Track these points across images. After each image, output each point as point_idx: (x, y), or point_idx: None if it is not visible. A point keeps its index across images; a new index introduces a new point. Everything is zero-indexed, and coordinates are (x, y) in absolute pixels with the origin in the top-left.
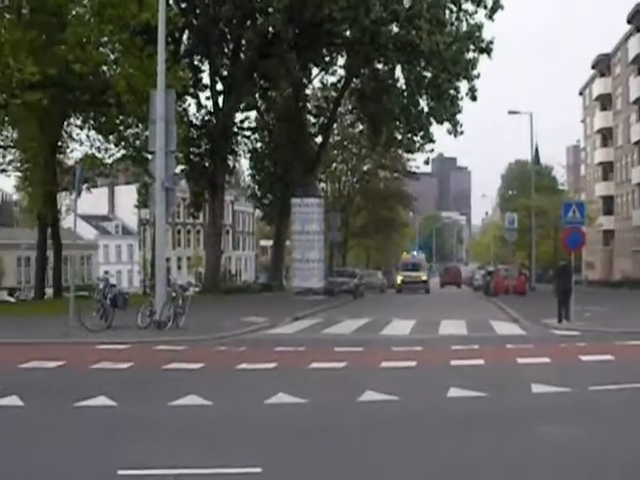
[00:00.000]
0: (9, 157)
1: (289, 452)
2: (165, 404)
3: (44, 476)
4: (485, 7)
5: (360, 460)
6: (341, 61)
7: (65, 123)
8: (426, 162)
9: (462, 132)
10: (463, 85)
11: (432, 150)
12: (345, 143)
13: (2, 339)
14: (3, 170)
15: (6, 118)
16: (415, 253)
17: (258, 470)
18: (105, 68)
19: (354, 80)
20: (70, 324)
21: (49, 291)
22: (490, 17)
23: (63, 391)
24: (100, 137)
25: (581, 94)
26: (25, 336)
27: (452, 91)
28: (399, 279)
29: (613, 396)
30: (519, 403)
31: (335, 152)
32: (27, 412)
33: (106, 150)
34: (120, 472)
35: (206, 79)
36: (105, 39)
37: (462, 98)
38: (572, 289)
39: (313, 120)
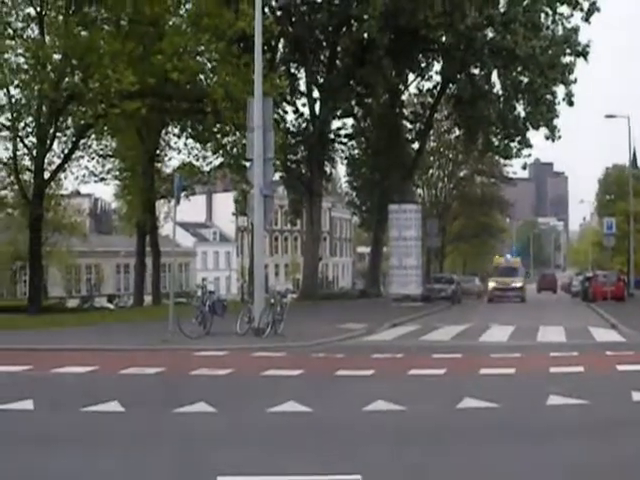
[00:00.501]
0: (108, 166)
1: (388, 459)
2: (264, 410)
3: (145, 477)
4: (581, 10)
5: (459, 468)
6: (437, 67)
7: (163, 132)
8: (523, 167)
9: (560, 137)
10: (560, 90)
11: (529, 155)
12: (441, 149)
13: (102, 345)
14: (102, 179)
15: (105, 128)
16: (509, 256)
17: (358, 477)
18: (202, 77)
19: (450, 86)
20: (169, 331)
21: (148, 298)
22: (586, 20)
23: (163, 397)
24: (198, 145)
25: None
26: (124, 342)
27: (549, 96)
28: (490, 285)
29: None
30: (620, 411)
31: (432, 158)
32: (128, 418)
33: (204, 158)
34: (220, 478)
35: (302, 86)
36: (202, 48)
37: (559, 103)
38: None
39: (409, 126)
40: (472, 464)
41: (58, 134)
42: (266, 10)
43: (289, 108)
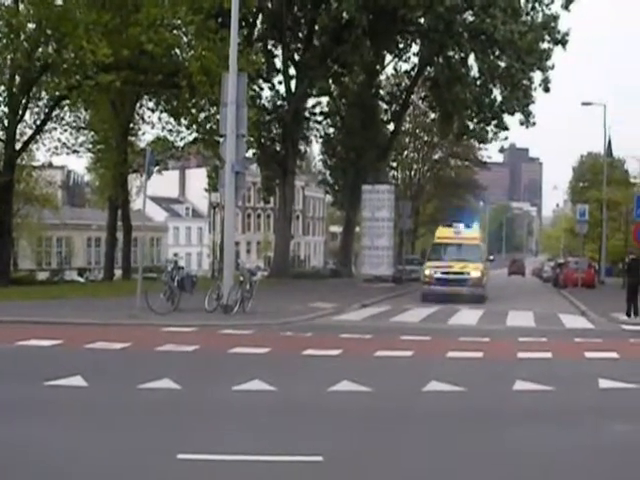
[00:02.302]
0: (81, 138)
1: (351, 441)
2: (229, 388)
3: (104, 456)
4: None
5: (422, 450)
6: (415, 48)
7: (137, 105)
8: (500, 150)
9: (534, 123)
10: (537, 76)
11: (506, 138)
12: (417, 131)
13: (69, 319)
14: (75, 151)
15: (79, 99)
16: (461, 227)
17: (320, 459)
18: (178, 50)
19: (427, 68)
20: (137, 306)
21: (118, 272)
22: (566, 7)
23: (127, 373)
24: (172, 120)
25: None
26: (92, 317)
27: (525, 81)
28: (426, 273)
29: None
30: (586, 398)
31: (407, 140)
32: (90, 393)
33: (178, 133)
34: (180, 456)
35: (279, 63)
36: (178, 21)
37: (535, 89)
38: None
39: (385, 107)
40: (434, 447)
41: (30, 104)
42: None
43: (265, 85)
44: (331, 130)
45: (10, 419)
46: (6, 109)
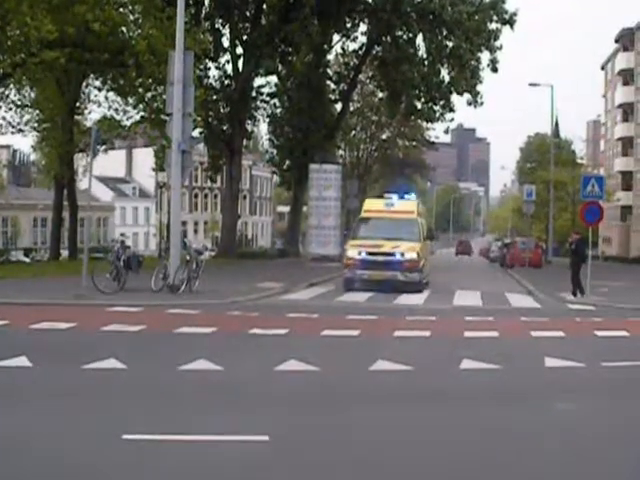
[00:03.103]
0: (27, 117)
1: (298, 421)
2: (175, 368)
3: (48, 438)
4: None
5: (366, 431)
6: (363, 28)
7: (84, 84)
8: (446, 131)
9: (482, 103)
10: (484, 56)
11: (452, 120)
12: (365, 111)
13: (14, 299)
14: (20, 130)
15: (24, 77)
16: (395, 198)
17: (265, 438)
18: (124, 29)
19: (375, 47)
20: (83, 286)
21: (64, 252)
22: None
23: (72, 353)
24: (119, 99)
25: (603, 68)
26: (37, 297)
27: (473, 62)
28: (349, 254)
29: (626, 373)
30: (532, 377)
31: (355, 119)
32: (34, 373)
33: (124, 112)
34: (125, 436)
35: (227, 43)
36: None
37: (483, 69)
38: (584, 263)
39: (333, 87)
40: (379, 426)
41: None
42: None
43: (212, 64)
44: (278, 110)
45: None
46: None
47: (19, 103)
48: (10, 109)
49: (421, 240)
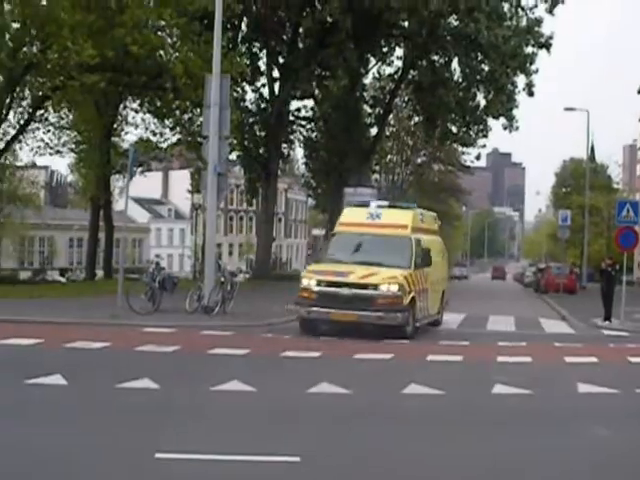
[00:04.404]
0: (64, 138)
1: (329, 442)
2: (208, 389)
3: (82, 455)
4: (545, 1)
5: (397, 452)
6: (399, 52)
7: (121, 106)
8: (477, 157)
9: (517, 127)
10: (520, 80)
11: (484, 145)
12: (401, 135)
13: (50, 318)
14: (58, 151)
15: (63, 100)
16: (381, 208)
17: (297, 459)
18: (162, 52)
19: (411, 71)
20: (118, 306)
21: (100, 273)
22: (550, 12)
23: (107, 372)
24: (155, 121)
25: (639, 92)
26: (73, 316)
27: (509, 86)
28: (305, 282)
29: None
30: (565, 402)
31: (390, 143)
32: (69, 391)
33: (161, 134)
34: (158, 455)
35: (263, 66)
36: (163, 23)
37: (519, 93)
38: (613, 289)
39: (369, 110)
40: (410, 449)
41: (14, 104)
42: None
43: (249, 87)
44: (314, 134)
45: None
46: None
47: (57, 125)
48: (48, 131)
49: (412, 266)
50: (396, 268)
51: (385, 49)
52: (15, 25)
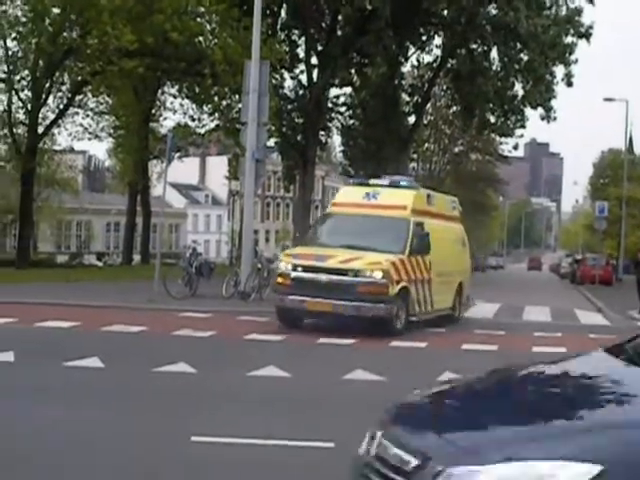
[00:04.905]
0: (103, 123)
1: (363, 429)
2: (244, 374)
3: (118, 438)
4: None
5: None
6: (438, 40)
7: (160, 92)
8: (515, 147)
9: (555, 118)
10: (559, 70)
11: (522, 135)
12: (438, 123)
13: (88, 302)
14: (97, 136)
15: (101, 85)
16: (381, 186)
17: (331, 445)
18: (201, 38)
19: (450, 60)
20: (155, 290)
21: (136, 257)
22: (590, 1)
23: (143, 356)
24: (194, 106)
25: None
26: (110, 300)
27: (548, 76)
28: (281, 267)
29: None
30: None
31: (428, 132)
32: (106, 374)
33: (199, 120)
34: (194, 439)
35: (302, 53)
36: (202, 9)
37: (557, 83)
38: None
39: (407, 99)
40: None
41: (53, 89)
42: None
43: (287, 74)
44: (352, 121)
45: (29, 399)
46: (29, 93)
47: (96, 110)
48: (87, 116)
49: (405, 252)
50: (387, 253)
51: (424, 37)
52: (55, 10)
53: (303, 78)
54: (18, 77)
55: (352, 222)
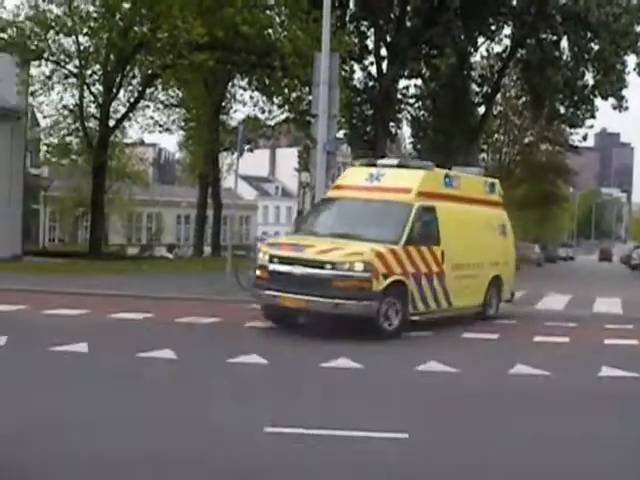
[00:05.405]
0: (173, 116)
1: (436, 420)
2: (317, 365)
3: (192, 428)
4: None
5: (505, 433)
6: (507, 30)
7: (229, 84)
8: (584, 138)
9: (627, 107)
10: (631, 59)
11: (592, 126)
12: (508, 114)
13: (159, 294)
14: (167, 129)
15: (172, 78)
16: (387, 167)
17: (405, 436)
18: (271, 31)
19: (519, 50)
20: (227, 282)
21: (207, 249)
22: None
23: (216, 347)
24: (264, 98)
25: None
26: (182, 292)
27: (619, 65)
28: (260, 257)
29: None
30: None
31: (497, 123)
32: (179, 366)
33: (269, 112)
34: (267, 429)
35: (371, 45)
36: (272, 2)
37: (629, 73)
38: None
39: (477, 89)
40: (516, 429)
41: (124, 82)
42: None
43: (356, 66)
44: (421, 113)
45: (104, 389)
46: (101, 87)
47: (167, 103)
48: (158, 109)
49: (401, 241)
50: (377, 243)
51: (493, 27)
52: (125, 5)
53: (372, 70)
54: (89, 71)
55: (348, 208)
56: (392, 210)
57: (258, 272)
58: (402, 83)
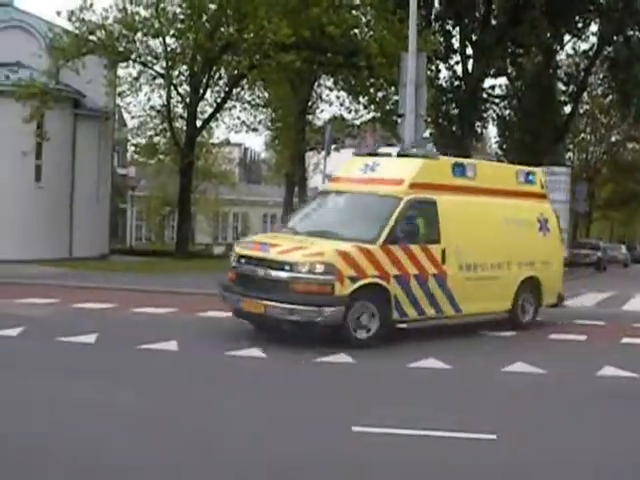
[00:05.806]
0: (259, 116)
1: (526, 421)
2: (404, 365)
3: (281, 426)
4: None
5: (589, 435)
6: (594, 28)
7: (315, 84)
8: None
9: None
10: None
11: None
12: (595, 113)
13: None
14: (254, 129)
15: (258, 78)
16: (385, 156)
17: (493, 437)
18: (357, 31)
19: (606, 48)
20: None
21: None
22: None
23: (303, 346)
24: (350, 98)
25: None
26: None
27: None
28: (232, 259)
29: None
30: None
31: (584, 122)
32: (269, 363)
33: (355, 111)
34: (355, 429)
35: (456, 44)
36: (357, 2)
37: None
38: None
39: (563, 88)
40: (605, 430)
41: (211, 83)
42: None
43: (442, 65)
44: (507, 112)
45: (194, 385)
46: (188, 88)
47: (253, 103)
48: (244, 109)
49: (380, 240)
50: (350, 241)
51: (580, 25)
52: (212, 7)
53: (458, 69)
54: (176, 72)
55: (334, 202)
56: (376, 204)
57: (229, 273)
58: (488, 82)
